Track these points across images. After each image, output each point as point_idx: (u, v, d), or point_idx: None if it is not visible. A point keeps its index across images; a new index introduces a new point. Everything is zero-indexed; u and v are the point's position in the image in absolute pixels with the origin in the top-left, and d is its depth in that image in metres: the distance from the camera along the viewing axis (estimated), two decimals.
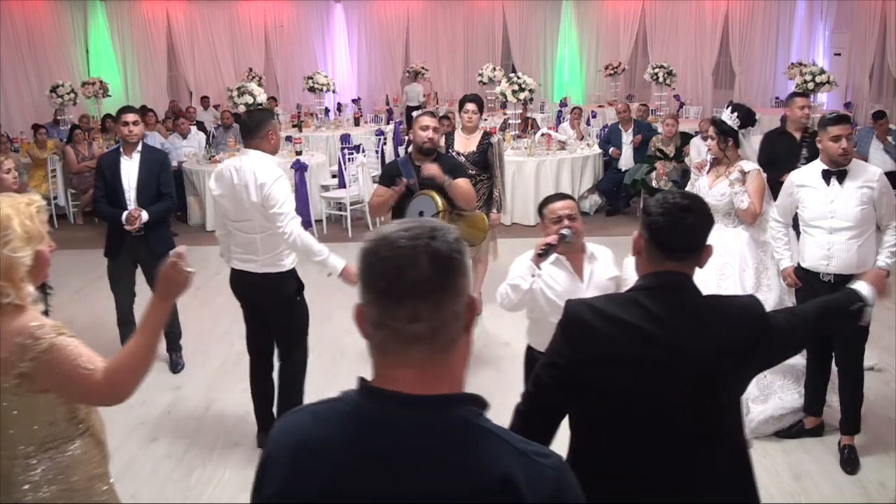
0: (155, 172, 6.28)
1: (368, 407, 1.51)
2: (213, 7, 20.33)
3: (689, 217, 2.44)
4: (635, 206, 11.57)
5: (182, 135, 12.67)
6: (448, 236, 1.50)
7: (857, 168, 4.74)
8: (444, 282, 1.48)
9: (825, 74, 11.72)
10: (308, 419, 1.59)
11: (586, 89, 21.58)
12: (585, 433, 2.51)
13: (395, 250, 1.47)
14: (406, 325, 1.47)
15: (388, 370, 1.53)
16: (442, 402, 1.51)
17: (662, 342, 2.37)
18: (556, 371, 2.50)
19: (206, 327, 7.41)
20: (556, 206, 3.88)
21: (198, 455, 5.18)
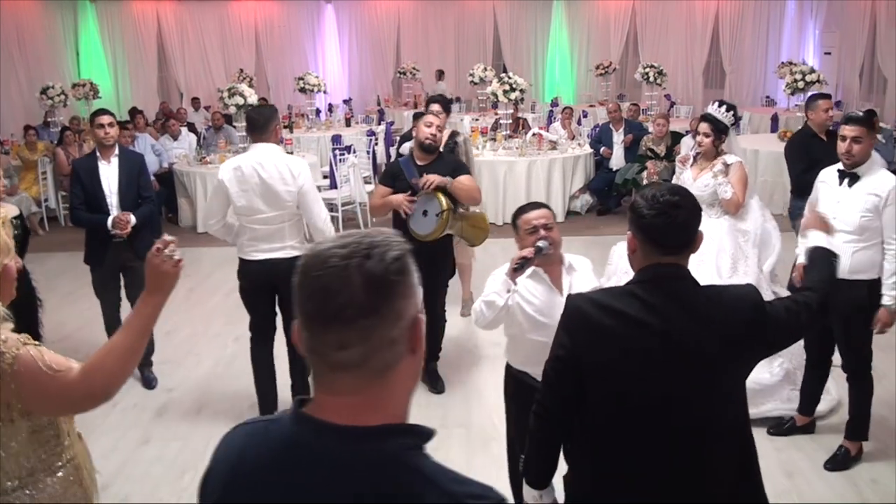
0: (134, 176, 6.10)
1: (297, 434, 1.41)
2: (203, 8, 20.31)
3: (680, 213, 2.46)
4: (626, 205, 11.57)
5: (172, 136, 12.66)
6: (387, 254, 1.37)
7: (871, 174, 4.57)
8: (377, 306, 1.34)
9: (815, 74, 11.77)
10: (243, 439, 1.50)
11: (577, 89, 21.61)
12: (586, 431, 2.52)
13: (325, 270, 1.34)
14: (333, 352, 1.35)
15: (319, 395, 1.42)
16: (371, 434, 1.37)
17: (660, 331, 2.38)
18: (560, 364, 2.52)
19: (199, 329, 7.40)
20: (531, 217, 3.68)
21: (190, 457, 5.17)
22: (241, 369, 6.39)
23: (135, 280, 5.97)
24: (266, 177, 5.09)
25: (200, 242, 10.52)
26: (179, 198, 11.38)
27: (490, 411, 5.67)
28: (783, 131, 12.47)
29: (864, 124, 4.55)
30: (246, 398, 5.95)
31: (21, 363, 2.27)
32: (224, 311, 7.86)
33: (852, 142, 4.54)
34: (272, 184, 5.09)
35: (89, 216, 5.98)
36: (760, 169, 11.43)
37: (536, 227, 3.64)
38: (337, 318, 1.33)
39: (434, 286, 5.87)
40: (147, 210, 6.19)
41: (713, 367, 2.40)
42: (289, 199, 5.14)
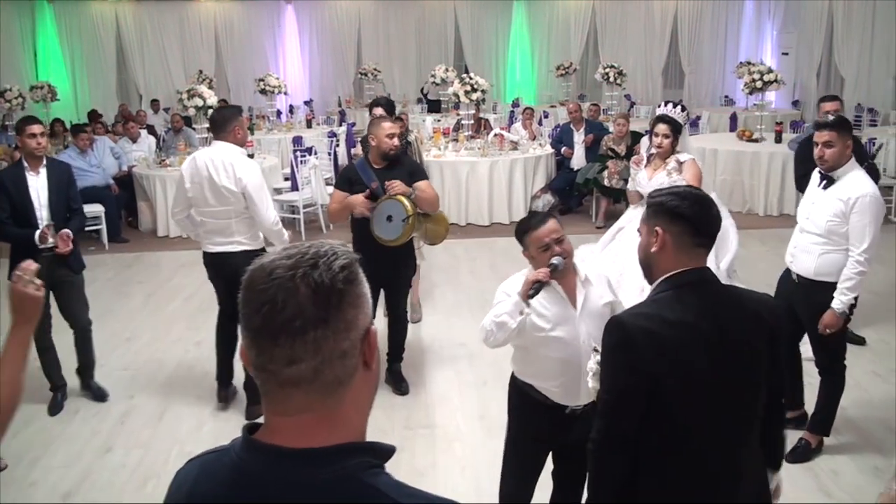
0: (64, 188, 5.79)
1: (246, 462, 1.34)
2: (162, 8, 20.14)
3: (713, 204, 2.53)
4: (588, 204, 11.64)
5: (132, 139, 12.52)
6: (334, 264, 1.31)
7: (847, 180, 4.58)
8: (326, 317, 1.29)
9: (773, 73, 11.90)
10: (196, 472, 1.44)
11: (538, 90, 21.70)
12: (657, 452, 2.46)
13: (271, 282, 1.29)
14: (283, 368, 1.29)
15: (271, 417, 1.36)
16: (326, 455, 1.31)
17: (719, 333, 2.41)
18: (629, 391, 2.42)
19: (159, 334, 7.33)
20: (541, 233, 3.42)
21: (153, 464, 5.12)
22: (203, 374, 6.35)
23: (72, 294, 5.86)
24: (213, 173, 5.40)
25: (160, 246, 10.45)
26: (139, 201, 11.26)
27: (454, 412, 5.68)
28: (742, 130, 12.61)
29: (834, 129, 4.58)
30: (208, 403, 5.92)
31: None
32: (184, 315, 7.80)
33: (824, 147, 4.58)
34: (217, 180, 5.39)
35: (17, 230, 5.60)
36: (720, 168, 11.56)
37: (549, 244, 3.41)
38: (285, 331, 1.27)
39: (397, 286, 5.88)
40: (79, 223, 5.97)
41: (762, 361, 2.49)
42: (232, 198, 5.41)
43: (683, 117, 5.94)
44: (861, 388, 5.89)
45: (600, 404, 2.52)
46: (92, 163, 10.70)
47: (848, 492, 4.64)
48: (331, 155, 12.94)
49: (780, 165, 11.16)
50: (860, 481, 4.74)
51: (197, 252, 9.92)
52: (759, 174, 11.30)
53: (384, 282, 5.82)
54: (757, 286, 8.00)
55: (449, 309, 7.73)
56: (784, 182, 11.16)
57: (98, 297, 8.27)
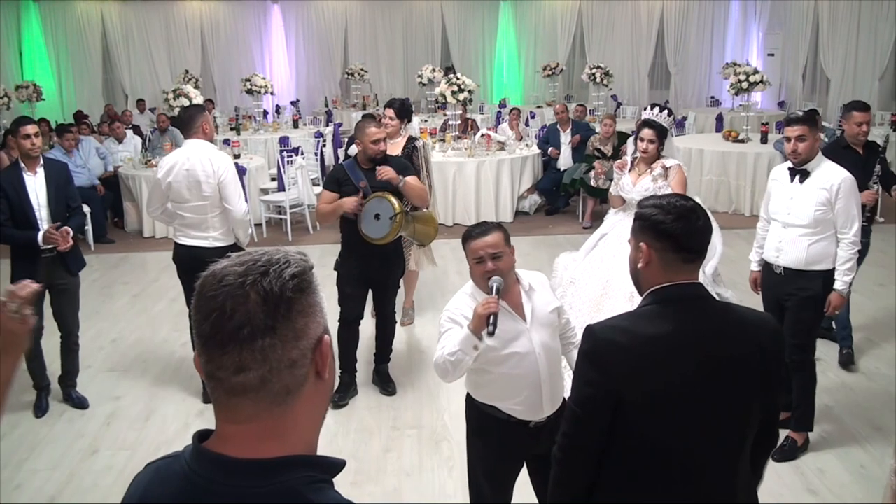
0: (63, 186, 5.77)
1: (194, 471, 1.33)
2: (148, 8, 20.06)
3: (699, 217, 2.43)
4: (574, 204, 11.66)
5: (118, 139, 12.47)
6: (285, 271, 1.30)
7: (821, 170, 4.77)
8: (275, 325, 1.27)
9: (759, 74, 11.95)
10: (149, 479, 1.43)
11: (525, 90, 21.72)
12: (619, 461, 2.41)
13: (221, 289, 1.28)
14: (231, 376, 1.28)
15: (221, 426, 1.34)
16: (269, 467, 1.29)
17: (702, 352, 2.33)
18: (592, 403, 2.36)
19: (146, 335, 7.30)
20: (478, 245, 3.32)
21: (139, 466, 5.04)
22: (190, 376, 6.34)
23: (65, 300, 5.84)
24: (190, 168, 5.57)
25: (146, 247, 10.41)
26: (125, 201, 11.21)
27: (441, 412, 5.68)
28: (728, 131, 12.65)
29: (805, 123, 4.75)
30: (195, 404, 5.90)
31: None
32: (170, 316, 7.77)
33: (797, 140, 4.74)
34: (195, 176, 5.57)
35: (17, 233, 5.54)
36: (706, 168, 11.60)
37: (483, 257, 3.31)
38: (233, 338, 1.26)
39: (385, 287, 5.87)
40: (79, 221, 5.95)
41: (750, 382, 2.38)
42: (209, 191, 5.58)
43: (669, 122, 5.95)
44: (846, 388, 5.93)
45: (567, 411, 2.47)
46: (77, 163, 10.64)
47: (834, 490, 4.66)
48: (317, 155, 12.92)
49: (766, 166, 11.18)
50: (846, 479, 4.76)
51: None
52: (744, 174, 11.34)
53: (372, 282, 5.83)
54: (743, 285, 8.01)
55: (436, 309, 7.73)
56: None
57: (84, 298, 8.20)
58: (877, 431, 5.30)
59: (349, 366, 5.89)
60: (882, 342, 6.67)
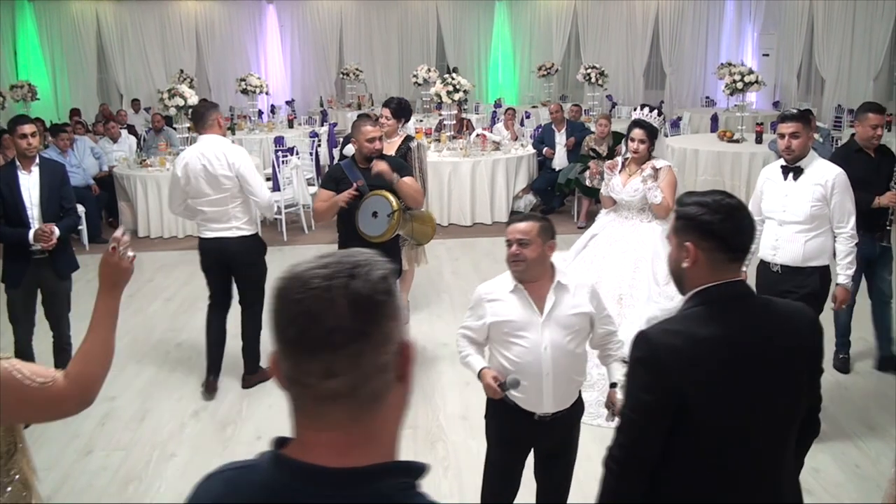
0: (56, 187, 5.73)
1: (278, 481, 1.28)
2: (143, 8, 20.04)
3: (745, 215, 2.40)
4: (569, 204, 11.67)
5: (112, 139, 12.45)
6: (372, 274, 1.26)
7: (814, 167, 4.84)
8: (365, 329, 1.24)
9: (753, 74, 11.96)
10: (221, 489, 1.38)
11: (520, 90, 21.74)
12: (674, 467, 2.35)
13: (308, 292, 1.24)
14: (320, 382, 1.23)
15: (304, 433, 1.30)
16: (362, 476, 1.26)
17: (754, 350, 2.30)
18: (650, 411, 2.31)
19: (140, 335, 7.28)
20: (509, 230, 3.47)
21: (133, 467, 5.09)
22: (185, 376, 6.34)
23: (55, 301, 5.84)
24: (207, 164, 5.72)
25: (141, 247, 10.38)
26: (120, 201, 11.19)
27: (436, 413, 5.67)
28: (722, 131, 12.66)
29: (799, 120, 4.80)
30: (190, 405, 5.90)
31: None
32: (165, 316, 7.76)
33: (790, 138, 4.79)
34: (212, 170, 5.72)
35: (8, 230, 5.56)
36: (701, 168, 11.60)
37: (510, 241, 3.42)
38: (323, 344, 1.22)
39: None
40: (71, 222, 5.90)
41: (801, 376, 2.39)
42: (228, 184, 5.75)
43: (660, 122, 5.97)
44: (841, 387, 5.94)
45: (623, 420, 2.40)
46: (72, 163, 10.62)
47: (829, 490, 4.66)
48: (312, 155, 12.90)
49: (761, 166, 11.14)
50: (840, 479, 4.77)
51: (177, 253, 9.97)
52: (739, 175, 11.35)
53: None
54: None
55: (431, 309, 7.73)
56: None
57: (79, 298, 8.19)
58: (871, 431, 5.31)
59: None
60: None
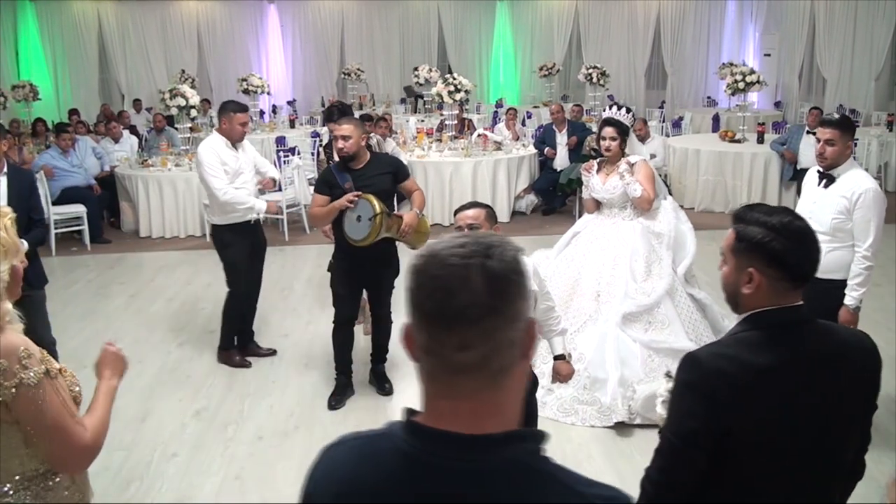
0: (25, 197, 5.35)
1: (415, 447, 1.36)
2: (144, 8, 20.04)
3: (814, 239, 2.25)
4: (571, 204, 11.67)
5: (114, 139, 12.45)
6: (506, 254, 1.33)
7: (847, 177, 4.65)
8: (498, 305, 1.30)
9: (755, 74, 11.96)
10: (353, 458, 1.44)
11: (521, 90, 21.73)
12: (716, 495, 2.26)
13: (446, 269, 1.31)
14: (454, 353, 1.31)
15: (436, 402, 1.38)
16: (496, 441, 1.33)
17: (810, 379, 2.19)
18: (695, 438, 2.20)
19: (142, 335, 7.28)
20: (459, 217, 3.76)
21: (135, 467, 5.08)
22: (186, 376, 6.34)
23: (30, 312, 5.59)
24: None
25: (142, 247, 10.40)
26: (121, 201, 11.19)
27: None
28: (724, 131, 12.68)
29: (837, 127, 4.62)
30: (191, 404, 5.89)
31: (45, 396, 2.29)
32: (167, 316, 7.76)
33: (825, 144, 4.62)
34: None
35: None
36: (702, 168, 11.61)
37: (461, 227, 3.68)
38: (459, 317, 1.29)
39: (378, 287, 5.86)
40: (40, 234, 5.54)
41: (858, 411, 2.31)
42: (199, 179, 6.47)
43: (629, 119, 6.03)
44: None
45: (663, 442, 2.29)
46: (74, 163, 10.65)
47: None
48: (314, 155, 12.89)
49: (763, 166, 11.22)
50: None
51: (179, 253, 10.00)
52: (741, 175, 11.36)
53: (366, 283, 5.83)
54: None
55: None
56: (766, 182, 11.23)
57: (80, 298, 8.23)
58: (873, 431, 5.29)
59: (345, 367, 5.89)
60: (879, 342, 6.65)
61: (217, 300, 6.64)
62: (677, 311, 5.70)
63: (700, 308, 5.91)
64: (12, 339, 2.31)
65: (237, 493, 4.76)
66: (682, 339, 5.56)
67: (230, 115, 6.23)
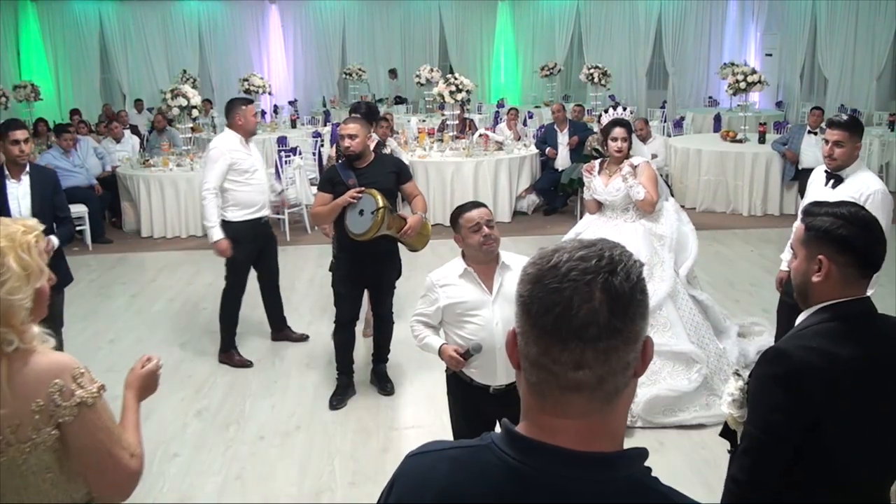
0: (49, 196, 5.40)
1: (522, 462, 1.28)
2: (146, 8, 20.04)
3: (880, 228, 2.30)
4: (572, 204, 11.66)
5: (115, 139, 12.46)
6: (632, 271, 1.26)
7: (855, 178, 4.64)
8: (619, 326, 1.23)
9: (756, 74, 11.96)
10: (446, 467, 1.36)
11: (523, 90, 21.73)
12: (795, 490, 2.28)
13: (566, 283, 1.23)
14: (567, 371, 1.24)
15: (545, 419, 1.30)
16: (611, 460, 1.28)
17: (889, 371, 2.23)
18: (783, 432, 2.22)
19: (143, 335, 7.28)
20: (473, 214, 3.73)
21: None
22: (188, 376, 6.34)
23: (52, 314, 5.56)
24: None
25: (144, 247, 10.40)
26: (123, 201, 11.19)
27: (440, 412, 5.65)
28: (725, 131, 12.67)
29: (845, 128, 4.61)
30: (193, 405, 5.89)
31: (98, 418, 2.17)
32: (168, 316, 7.76)
33: (834, 145, 4.61)
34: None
35: None
36: (703, 168, 11.60)
37: (480, 224, 3.71)
38: (577, 336, 1.22)
39: (380, 287, 5.87)
40: (67, 231, 5.61)
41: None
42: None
43: (632, 119, 6.00)
44: None
45: (749, 441, 2.29)
46: (75, 163, 10.65)
47: None
48: (315, 155, 12.90)
49: (764, 166, 11.21)
50: None
51: (180, 253, 10.01)
52: (742, 174, 11.35)
53: (367, 283, 5.83)
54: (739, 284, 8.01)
55: None
56: (767, 182, 11.22)
57: (81, 298, 8.23)
58: None
59: (346, 367, 5.89)
60: None
61: (218, 300, 6.64)
62: (679, 313, 5.69)
63: (702, 310, 5.90)
64: (59, 358, 2.17)
65: (238, 492, 4.77)
66: (683, 341, 5.55)
67: (242, 110, 6.33)
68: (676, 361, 5.53)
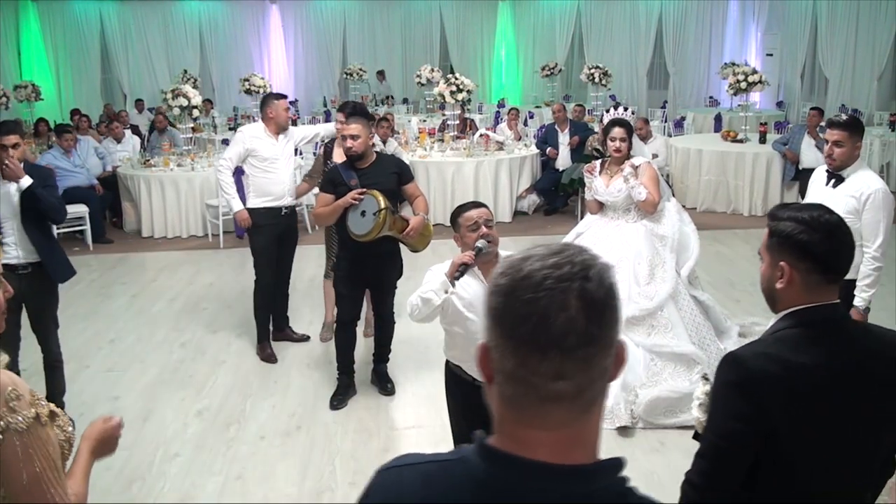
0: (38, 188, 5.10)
1: (497, 476, 1.26)
2: (146, 8, 20.03)
3: (846, 232, 2.25)
4: (573, 204, 11.66)
5: (116, 139, 12.46)
6: (604, 276, 1.24)
7: (856, 177, 4.63)
8: (596, 333, 1.22)
9: (757, 74, 11.96)
10: (418, 482, 1.34)
11: (523, 90, 21.71)
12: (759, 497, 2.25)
13: (542, 292, 1.20)
14: (547, 382, 1.22)
15: (520, 430, 1.26)
16: (588, 473, 1.26)
17: (851, 379, 2.18)
18: (739, 437, 2.18)
19: (144, 335, 7.29)
20: (472, 214, 3.80)
21: (137, 467, 5.09)
22: (188, 376, 6.34)
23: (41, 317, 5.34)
24: None
25: (144, 247, 10.40)
26: (124, 201, 11.18)
27: (440, 412, 5.64)
28: (726, 131, 12.67)
29: (844, 128, 4.61)
30: (193, 405, 5.90)
31: (33, 446, 1.97)
32: (169, 316, 7.76)
33: (834, 145, 4.60)
34: None
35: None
36: (704, 168, 11.60)
37: (478, 223, 3.75)
38: (555, 346, 1.20)
39: (381, 287, 5.87)
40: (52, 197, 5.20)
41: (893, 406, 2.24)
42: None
43: (633, 118, 6.00)
44: None
45: (706, 446, 2.27)
46: (76, 163, 10.66)
47: None
48: (316, 155, 12.88)
49: (765, 166, 11.22)
50: None
51: (181, 253, 10.01)
52: (743, 174, 11.35)
53: (369, 283, 5.83)
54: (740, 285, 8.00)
55: None
56: (768, 183, 11.23)
57: (82, 298, 8.23)
58: None
59: (347, 367, 5.89)
60: None
61: (219, 300, 6.65)
62: (680, 314, 5.69)
63: (703, 310, 5.90)
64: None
65: (239, 492, 4.77)
66: (684, 342, 5.56)
67: (273, 104, 6.53)
68: (678, 363, 5.54)
